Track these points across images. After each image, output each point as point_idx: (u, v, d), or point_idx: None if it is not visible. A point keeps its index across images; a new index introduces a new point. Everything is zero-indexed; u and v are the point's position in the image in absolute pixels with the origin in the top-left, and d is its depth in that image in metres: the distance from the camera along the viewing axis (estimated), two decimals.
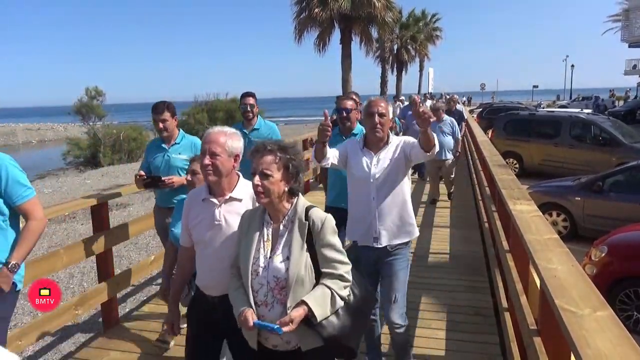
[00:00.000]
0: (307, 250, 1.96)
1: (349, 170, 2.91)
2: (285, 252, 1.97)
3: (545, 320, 2.24)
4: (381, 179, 2.76)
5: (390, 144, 2.82)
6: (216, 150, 2.16)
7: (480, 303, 4.30)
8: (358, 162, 2.83)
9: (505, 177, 4.39)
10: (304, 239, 1.96)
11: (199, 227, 2.27)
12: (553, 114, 13.86)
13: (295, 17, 22.92)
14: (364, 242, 2.83)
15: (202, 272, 2.30)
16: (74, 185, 14.66)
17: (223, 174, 2.19)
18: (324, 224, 1.97)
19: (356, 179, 2.84)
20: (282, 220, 2.03)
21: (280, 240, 2.01)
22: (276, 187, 1.93)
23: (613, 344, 1.46)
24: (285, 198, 2.00)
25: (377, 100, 2.80)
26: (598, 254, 4.84)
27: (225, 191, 2.24)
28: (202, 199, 2.28)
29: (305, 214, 1.99)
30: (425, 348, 3.54)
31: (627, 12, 29.25)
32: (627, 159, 9.58)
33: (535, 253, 2.29)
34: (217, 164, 2.16)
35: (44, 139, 42.48)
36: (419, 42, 36.62)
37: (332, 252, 1.98)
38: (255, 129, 4.63)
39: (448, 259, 5.58)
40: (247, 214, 2.12)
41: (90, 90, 22.00)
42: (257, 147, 1.98)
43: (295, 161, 1.96)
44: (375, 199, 2.78)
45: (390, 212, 2.79)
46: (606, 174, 7.30)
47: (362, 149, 2.85)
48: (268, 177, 1.91)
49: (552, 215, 7.37)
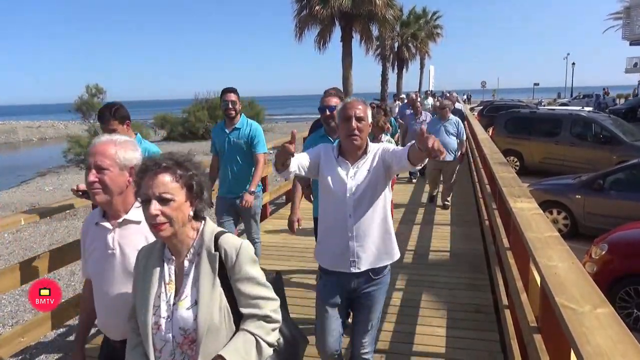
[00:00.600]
0: (222, 288, 1.58)
1: (322, 182, 2.47)
2: (193, 294, 1.58)
3: (546, 317, 2.25)
4: (359, 194, 2.37)
5: (369, 153, 2.43)
6: (103, 164, 1.80)
7: (480, 300, 4.30)
8: (332, 173, 2.42)
9: (505, 175, 4.40)
10: (216, 275, 1.58)
11: (92, 257, 1.92)
12: (554, 112, 13.85)
13: (295, 14, 22.93)
14: (338, 267, 2.45)
15: (99, 311, 1.94)
16: (75, 182, 14.64)
17: (114, 192, 1.82)
18: (240, 252, 1.59)
19: (329, 192, 2.42)
20: (187, 254, 1.63)
21: (185, 281, 1.61)
22: (180, 212, 1.55)
23: (613, 341, 1.46)
24: (190, 225, 1.62)
25: (353, 102, 2.40)
26: (598, 252, 4.85)
27: (120, 212, 1.87)
28: (95, 223, 1.91)
29: (215, 242, 1.61)
30: (426, 345, 3.55)
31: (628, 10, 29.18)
32: (627, 157, 9.57)
33: (535, 251, 2.29)
34: (106, 180, 1.80)
35: (44, 136, 42.45)
36: (420, 39, 36.60)
37: (253, 287, 1.60)
38: (237, 129, 4.26)
39: (448, 256, 5.59)
40: (144, 251, 1.72)
41: (90, 87, 22.00)
42: (146, 164, 1.57)
43: (198, 176, 1.60)
44: (352, 217, 2.38)
45: (369, 232, 2.40)
46: (607, 172, 7.30)
47: (337, 158, 2.44)
48: (169, 202, 1.52)
49: (553, 213, 7.37)
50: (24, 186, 15.54)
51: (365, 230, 2.40)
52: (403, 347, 3.53)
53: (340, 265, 2.44)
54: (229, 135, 4.25)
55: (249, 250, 1.62)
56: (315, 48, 23.83)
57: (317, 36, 23.47)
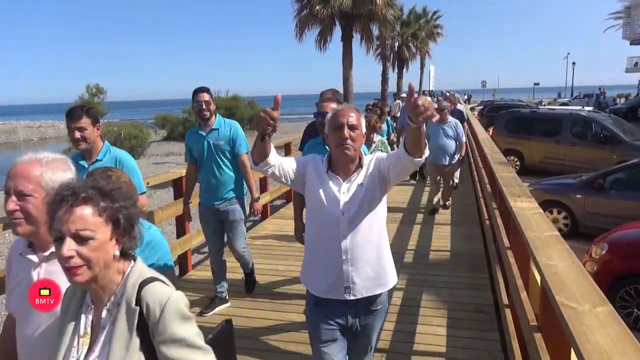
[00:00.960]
0: (141, 351, 1.28)
1: (309, 199, 2.22)
2: (103, 354, 1.30)
3: (546, 316, 2.26)
4: (353, 212, 2.11)
5: (363, 166, 2.18)
6: (25, 189, 1.52)
7: (480, 300, 4.31)
8: (322, 189, 2.15)
9: (506, 175, 4.41)
10: (133, 334, 1.27)
11: (15, 292, 1.64)
12: (554, 112, 13.87)
13: (296, 14, 22.92)
14: (330, 294, 2.18)
15: (20, 354, 1.65)
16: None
17: (40, 222, 1.52)
18: (165, 308, 1.27)
19: (320, 211, 2.16)
20: (108, 302, 1.33)
21: (100, 336, 1.32)
22: (102, 253, 1.26)
23: (613, 340, 1.47)
24: (116, 267, 1.33)
25: (345, 109, 2.14)
26: (599, 251, 4.85)
27: (48, 244, 1.56)
28: (19, 254, 1.64)
29: (137, 294, 1.29)
30: (427, 344, 3.55)
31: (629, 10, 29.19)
32: (627, 156, 9.58)
33: (535, 250, 2.30)
34: (29, 208, 1.52)
35: (44, 136, 42.48)
36: (420, 39, 36.57)
37: (180, 350, 1.28)
38: (214, 129, 3.96)
39: (449, 256, 5.60)
40: (68, 292, 1.43)
41: (91, 87, 22.04)
42: (61, 193, 1.26)
43: (127, 209, 1.32)
44: (345, 238, 2.12)
45: (365, 254, 2.16)
46: (607, 171, 7.31)
47: (327, 172, 2.17)
48: (88, 241, 1.24)
49: (553, 212, 7.38)
50: None
51: (360, 253, 2.15)
52: (403, 346, 3.54)
53: (333, 292, 2.17)
54: (207, 137, 3.95)
55: (178, 304, 1.29)
56: (316, 48, 23.86)
57: (318, 36, 23.46)
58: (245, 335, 3.70)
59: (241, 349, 3.04)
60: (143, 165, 17.51)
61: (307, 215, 2.29)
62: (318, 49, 23.78)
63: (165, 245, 2.01)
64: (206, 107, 3.91)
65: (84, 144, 2.98)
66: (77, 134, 2.94)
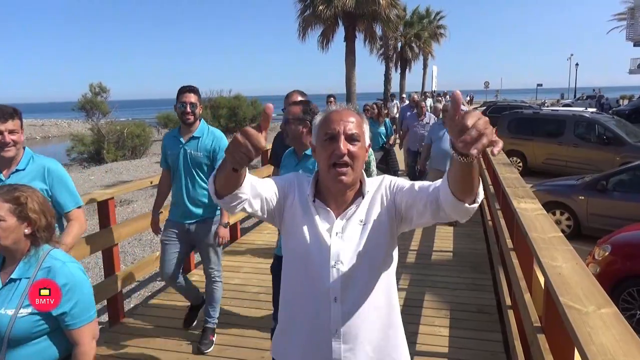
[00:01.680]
0: None
1: (286, 237, 1.57)
2: None
3: (550, 317, 2.25)
4: (349, 264, 1.47)
5: (367, 195, 1.53)
6: None
7: (483, 301, 4.31)
8: (305, 225, 1.50)
9: (509, 176, 4.40)
10: None
11: None
12: (557, 113, 13.84)
13: (299, 14, 22.96)
14: None
15: None
16: (78, 181, 14.72)
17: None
18: None
19: (300, 260, 1.52)
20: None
21: None
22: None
23: (617, 341, 1.47)
24: None
25: (343, 111, 1.50)
26: (602, 253, 4.85)
27: None
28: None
29: None
30: (429, 345, 3.55)
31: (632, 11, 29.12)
32: (631, 158, 9.57)
33: (539, 251, 2.30)
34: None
35: (47, 135, 42.60)
36: (423, 40, 36.55)
37: None
38: (194, 138, 3.41)
39: (451, 256, 5.60)
40: None
41: (94, 86, 22.03)
42: None
43: None
44: (338, 302, 1.48)
45: (365, 326, 1.50)
46: (610, 173, 7.30)
47: (314, 201, 1.52)
48: None
49: (556, 214, 7.36)
50: None
51: (359, 324, 1.49)
52: None
53: None
54: (184, 145, 3.42)
55: None
56: (319, 47, 23.89)
57: (320, 36, 23.50)
58: None
59: None
60: (146, 164, 17.54)
61: (284, 261, 1.60)
62: (321, 49, 23.83)
63: (85, 286, 1.83)
64: (191, 110, 3.35)
65: (12, 151, 2.45)
66: (7, 138, 2.40)
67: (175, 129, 3.56)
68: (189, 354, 3.46)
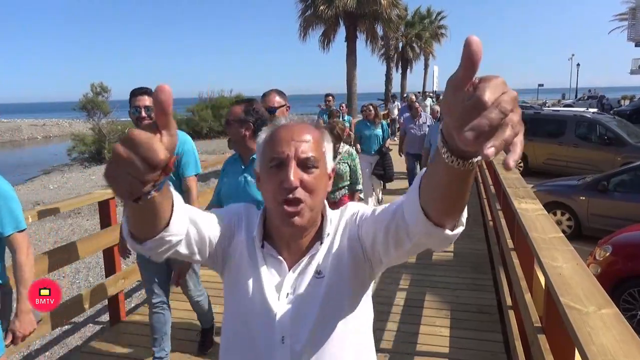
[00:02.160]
0: None
1: (227, 289, 1.19)
2: None
3: (550, 317, 2.25)
4: (306, 330, 1.09)
5: (326, 238, 1.14)
6: None
7: (484, 301, 4.31)
8: (249, 279, 1.13)
9: (510, 176, 4.40)
10: None
11: None
12: (558, 113, 13.84)
13: (300, 14, 22.98)
14: None
15: None
16: (79, 181, 14.74)
17: None
18: None
19: (241, 325, 1.14)
20: None
21: None
22: None
23: (618, 341, 1.47)
24: None
25: (294, 126, 1.11)
26: (602, 253, 4.84)
27: None
28: None
29: None
30: (429, 345, 3.55)
31: (634, 11, 29.11)
32: (632, 158, 9.56)
33: (540, 251, 2.30)
34: None
35: (49, 134, 42.65)
36: (424, 40, 36.55)
37: None
38: None
39: (452, 256, 5.59)
40: None
41: (95, 86, 22.05)
42: None
43: None
44: None
45: None
46: (611, 173, 7.30)
47: (262, 246, 1.14)
48: None
49: (557, 214, 7.36)
50: (29, 184, 15.59)
51: None
52: (406, 347, 3.54)
53: None
54: None
55: None
56: (319, 47, 23.91)
57: (322, 36, 23.53)
58: None
59: None
60: None
61: (224, 319, 1.21)
62: (322, 49, 23.85)
63: None
64: (147, 115, 2.84)
65: None
66: None
67: None
68: (190, 354, 3.47)
